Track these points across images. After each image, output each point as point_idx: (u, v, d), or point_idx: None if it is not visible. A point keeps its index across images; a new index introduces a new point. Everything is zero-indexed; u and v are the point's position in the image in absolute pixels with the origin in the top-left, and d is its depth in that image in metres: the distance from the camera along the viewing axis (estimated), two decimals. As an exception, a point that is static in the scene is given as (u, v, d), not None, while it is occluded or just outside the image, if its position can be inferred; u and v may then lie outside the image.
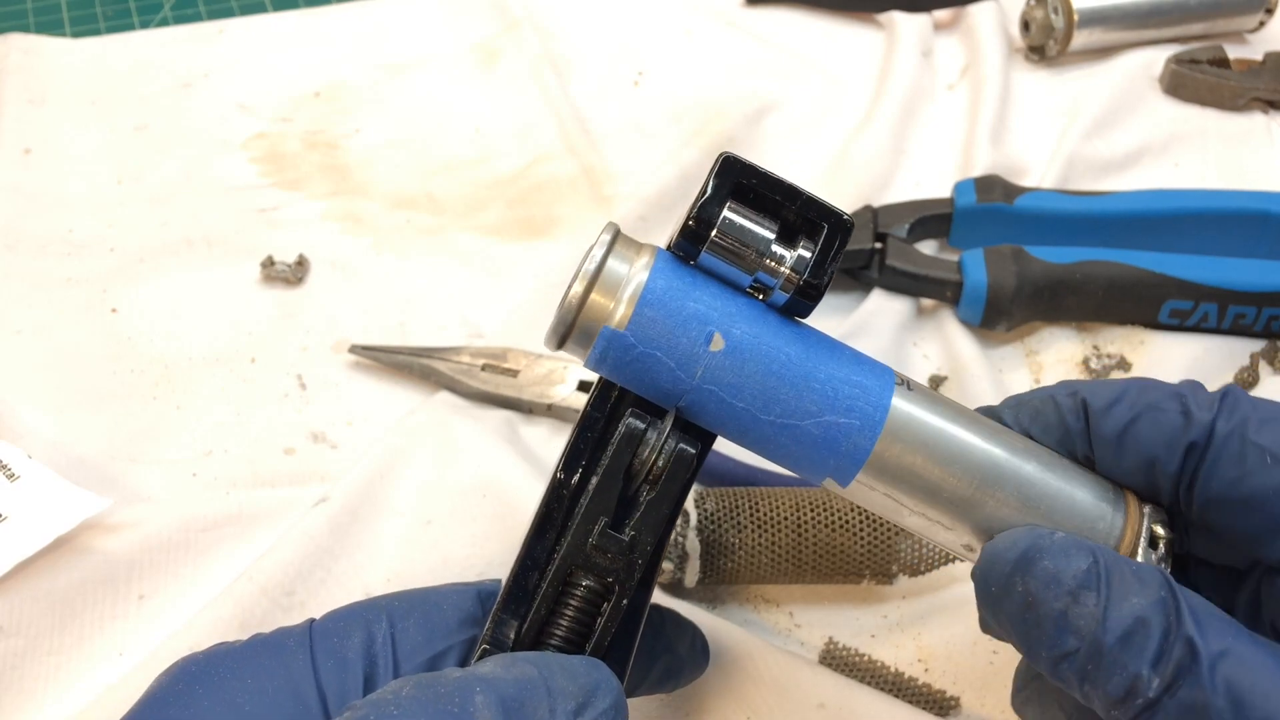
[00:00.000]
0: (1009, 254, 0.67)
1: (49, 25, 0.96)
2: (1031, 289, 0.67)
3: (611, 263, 0.35)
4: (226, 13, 0.97)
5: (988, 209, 0.72)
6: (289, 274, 0.71)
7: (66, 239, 0.74)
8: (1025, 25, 0.91)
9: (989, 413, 0.40)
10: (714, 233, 0.34)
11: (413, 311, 0.71)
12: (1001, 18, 0.93)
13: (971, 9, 0.94)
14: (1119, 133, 0.84)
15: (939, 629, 0.54)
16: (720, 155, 0.35)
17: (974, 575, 0.36)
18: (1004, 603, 0.34)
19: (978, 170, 0.78)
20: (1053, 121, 0.85)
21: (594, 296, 0.35)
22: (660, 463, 0.35)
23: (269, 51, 0.92)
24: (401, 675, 0.37)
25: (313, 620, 0.38)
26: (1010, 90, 0.87)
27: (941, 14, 0.95)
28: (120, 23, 0.97)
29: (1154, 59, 0.89)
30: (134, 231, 0.75)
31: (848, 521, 0.52)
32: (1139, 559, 0.36)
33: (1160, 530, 0.37)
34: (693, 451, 0.35)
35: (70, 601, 0.53)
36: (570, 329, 0.35)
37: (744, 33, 0.95)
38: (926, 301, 0.71)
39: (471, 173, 0.82)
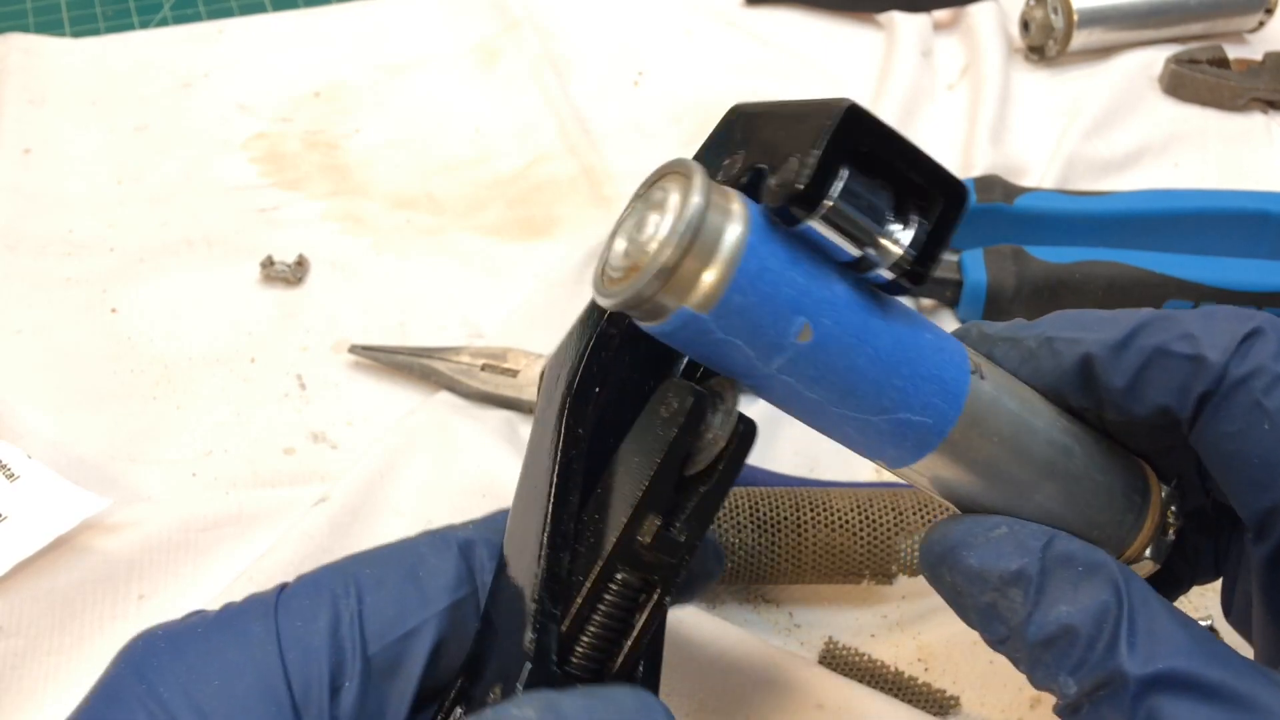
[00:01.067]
0: (1009, 254, 0.67)
1: (49, 25, 0.96)
2: (1031, 289, 0.67)
3: (713, 215, 0.27)
4: (226, 13, 0.97)
5: (987, 209, 0.72)
6: (289, 274, 0.71)
7: (66, 239, 0.74)
8: (1025, 25, 0.91)
9: (975, 339, 0.37)
10: (829, 202, 0.28)
11: (413, 311, 0.71)
12: (1001, 18, 0.93)
13: (971, 9, 0.94)
14: (1119, 133, 0.84)
15: (939, 628, 0.54)
16: (844, 104, 0.28)
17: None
18: (938, 588, 0.34)
19: (977, 170, 0.78)
20: (1053, 121, 0.85)
21: (689, 260, 0.27)
22: (720, 446, 0.31)
23: (269, 51, 0.92)
24: (370, 658, 0.35)
25: (283, 588, 0.36)
26: (1010, 90, 0.87)
27: (941, 14, 0.95)
28: (120, 23, 0.97)
29: (1154, 59, 0.89)
30: (134, 231, 0.75)
31: (848, 521, 0.52)
32: (1148, 551, 0.36)
33: (1171, 518, 0.36)
34: (754, 428, 0.31)
35: (70, 601, 0.53)
36: (648, 297, 0.28)
37: (744, 33, 0.95)
38: (926, 301, 0.71)
39: (471, 173, 0.82)
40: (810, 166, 0.28)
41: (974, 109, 0.85)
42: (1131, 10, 0.89)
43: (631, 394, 0.34)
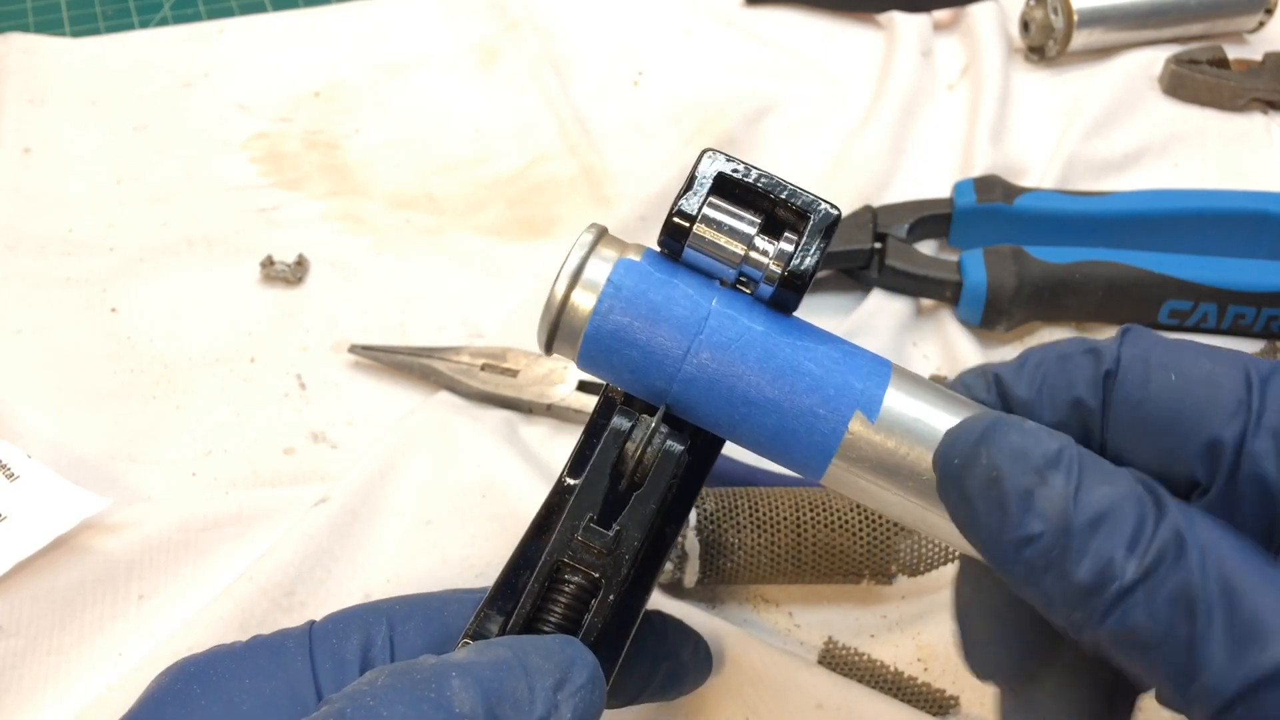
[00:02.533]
0: (1008, 254, 0.67)
1: (49, 25, 0.96)
2: (1031, 289, 0.67)
3: (594, 261, 0.35)
4: (226, 13, 0.97)
5: (987, 209, 0.72)
6: (289, 274, 0.71)
7: (66, 239, 0.74)
8: (1025, 25, 0.92)
9: None
10: (694, 226, 0.35)
11: (413, 311, 0.71)
12: (1001, 18, 0.93)
13: (971, 9, 0.94)
14: (1119, 133, 0.84)
15: (938, 628, 0.54)
16: (703, 150, 0.35)
17: (935, 456, 0.34)
18: (966, 478, 0.32)
19: (977, 170, 0.78)
20: (1052, 121, 0.85)
21: (577, 295, 0.35)
22: (647, 458, 0.35)
23: (269, 51, 0.92)
24: None
25: (313, 622, 0.38)
26: (1010, 90, 0.87)
27: (941, 14, 0.95)
28: (120, 22, 0.97)
29: (1154, 59, 0.89)
30: (134, 231, 0.75)
31: (847, 521, 0.52)
32: None
33: None
34: (680, 447, 0.35)
35: (70, 601, 0.53)
36: (555, 328, 0.36)
37: (744, 33, 0.95)
38: (926, 301, 0.71)
39: (471, 173, 0.82)
40: (676, 200, 0.35)
41: (974, 109, 0.85)
42: (1131, 10, 0.89)
43: None
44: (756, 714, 0.49)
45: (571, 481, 0.37)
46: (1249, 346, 0.68)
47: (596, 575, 0.35)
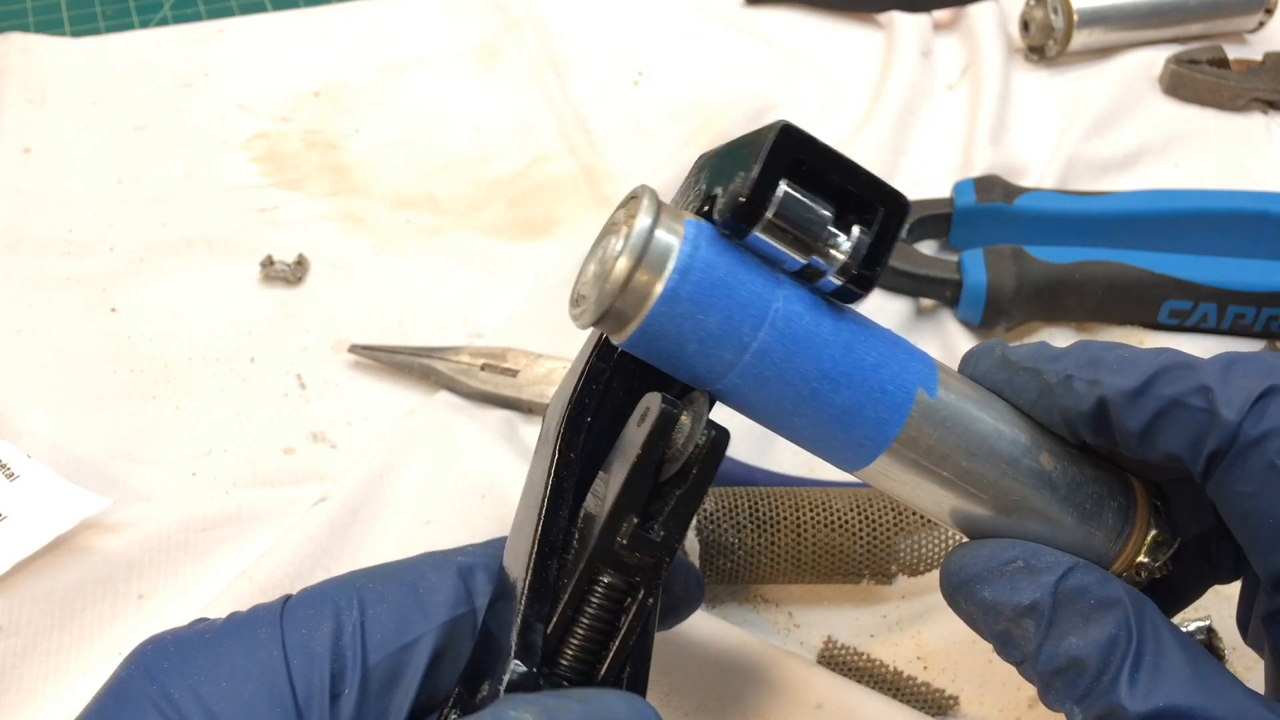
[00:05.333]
0: (1008, 254, 0.67)
1: (49, 25, 0.96)
2: (1031, 289, 0.67)
3: (660, 236, 0.31)
4: (226, 12, 0.98)
5: (987, 209, 0.72)
6: (289, 274, 0.71)
7: (66, 239, 0.74)
8: (1025, 25, 0.92)
9: (997, 360, 0.37)
10: (770, 211, 0.31)
11: (413, 311, 0.71)
12: (1001, 18, 0.93)
13: (971, 9, 0.94)
14: (1119, 133, 0.84)
15: (938, 628, 0.54)
16: (779, 124, 0.31)
17: (940, 575, 0.37)
18: (956, 612, 0.36)
19: (977, 170, 0.78)
20: (1052, 121, 0.85)
21: (640, 275, 0.31)
22: (692, 452, 0.32)
23: (269, 51, 0.92)
24: (370, 667, 0.35)
25: (288, 599, 0.37)
26: (1010, 90, 0.87)
27: (941, 14, 0.95)
28: (120, 22, 0.97)
29: (1154, 59, 0.89)
30: (134, 231, 0.75)
31: (847, 522, 0.52)
32: (1143, 558, 0.36)
33: (1161, 528, 0.37)
34: (725, 436, 0.33)
35: (70, 601, 0.53)
36: (610, 308, 0.31)
37: (744, 33, 0.95)
38: (926, 301, 0.71)
39: (471, 173, 0.82)
40: (750, 180, 0.30)
41: (974, 109, 0.85)
42: (1131, 10, 0.89)
43: (624, 420, 0.36)
44: (756, 713, 0.49)
45: (568, 437, 0.35)
46: (1249, 346, 0.68)
47: (636, 579, 0.33)
